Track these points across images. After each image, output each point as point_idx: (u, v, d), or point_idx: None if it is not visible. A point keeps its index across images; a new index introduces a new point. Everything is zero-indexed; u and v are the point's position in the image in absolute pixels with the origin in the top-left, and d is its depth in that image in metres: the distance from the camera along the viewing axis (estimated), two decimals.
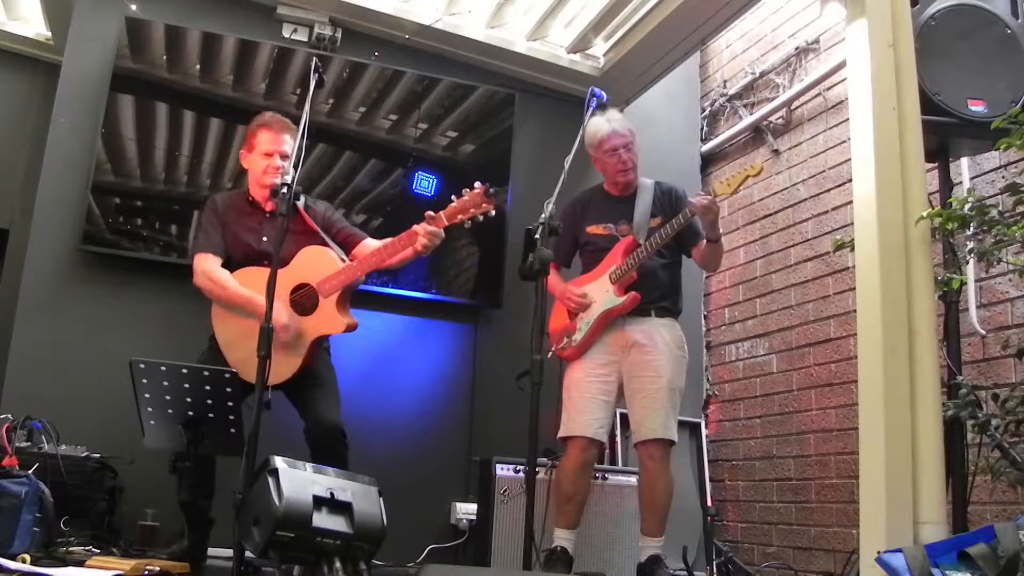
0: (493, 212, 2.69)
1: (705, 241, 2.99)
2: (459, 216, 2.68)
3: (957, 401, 2.18)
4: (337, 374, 2.99)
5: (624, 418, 3.56)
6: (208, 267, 2.83)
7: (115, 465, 2.99)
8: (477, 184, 2.67)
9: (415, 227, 2.72)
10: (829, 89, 3.82)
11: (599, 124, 3.09)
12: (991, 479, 2.25)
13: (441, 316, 3.95)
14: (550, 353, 3.06)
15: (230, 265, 2.88)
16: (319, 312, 2.74)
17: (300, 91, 3.73)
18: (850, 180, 2.67)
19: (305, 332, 2.73)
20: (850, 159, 2.61)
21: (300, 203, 2.86)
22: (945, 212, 2.19)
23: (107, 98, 3.51)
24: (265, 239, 2.86)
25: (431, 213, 2.71)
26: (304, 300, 2.77)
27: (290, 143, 2.86)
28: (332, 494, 2.13)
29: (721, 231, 3.02)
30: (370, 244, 2.94)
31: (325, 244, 2.82)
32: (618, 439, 3.79)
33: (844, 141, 3.64)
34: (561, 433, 3.00)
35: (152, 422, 2.48)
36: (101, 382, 3.22)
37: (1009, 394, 2.25)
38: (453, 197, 2.71)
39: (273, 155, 2.85)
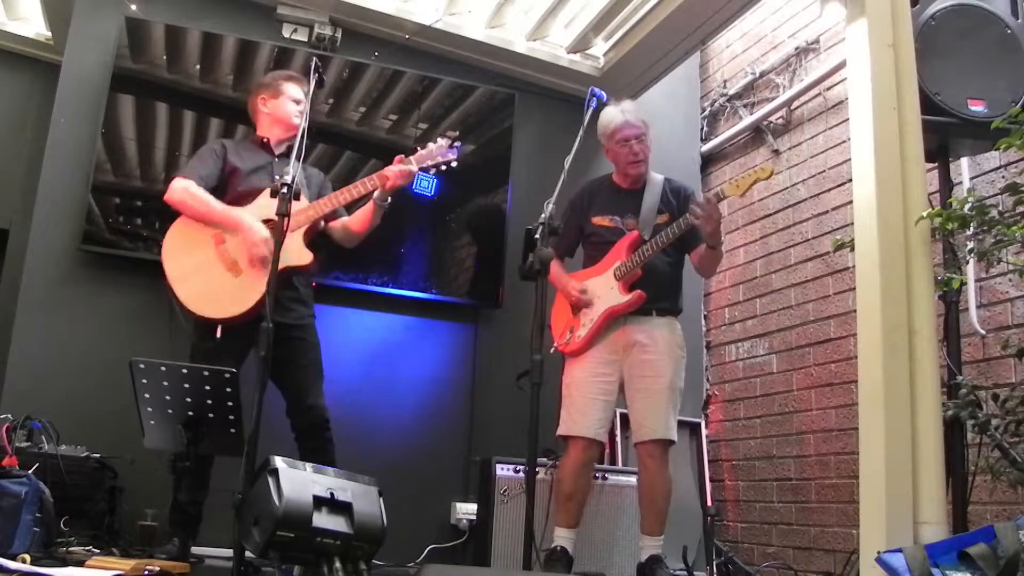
0: (455, 163, 3.02)
1: (704, 246, 2.99)
2: (427, 162, 2.98)
3: (957, 401, 2.17)
4: (337, 373, 3.01)
5: (624, 418, 3.56)
6: (188, 185, 2.89)
7: (115, 465, 2.99)
8: (440, 139, 3.03)
9: (385, 169, 2.95)
10: (829, 89, 3.82)
11: (613, 114, 3.10)
12: (991, 479, 2.25)
13: (441, 316, 3.95)
14: (553, 348, 3.06)
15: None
16: (284, 246, 2.75)
17: None
18: (850, 180, 2.67)
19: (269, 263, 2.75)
20: (850, 159, 2.61)
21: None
22: (945, 212, 2.19)
23: (107, 98, 3.51)
24: (277, 177, 2.84)
25: (402, 156, 2.96)
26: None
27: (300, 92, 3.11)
28: (332, 494, 2.14)
29: (723, 239, 3.01)
30: (346, 219, 3.09)
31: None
32: (618, 439, 3.79)
33: (844, 141, 3.64)
34: (561, 432, 3.00)
35: (152, 422, 2.48)
36: (101, 382, 3.22)
37: (1009, 394, 2.25)
38: (417, 148, 3.02)
39: (300, 102, 3.03)
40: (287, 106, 3.05)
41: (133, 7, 3.68)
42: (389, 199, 2.98)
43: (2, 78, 4.27)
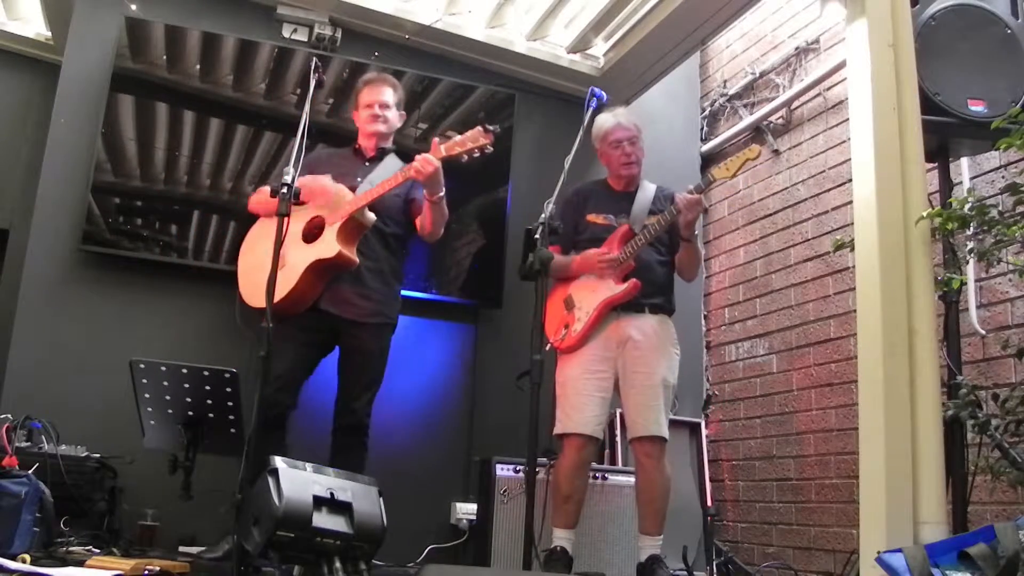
0: (491, 148, 2.82)
1: (681, 241, 3.02)
2: (456, 149, 2.83)
3: (957, 401, 2.17)
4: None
5: (624, 418, 3.56)
6: (261, 188, 3.09)
7: (115, 465, 2.99)
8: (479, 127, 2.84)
9: (416, 157, 2.87)
10: (829, 89, 3.82)
11: (605, 118, 3.15)
12: (991, 479, 2.25)
13: (441, 316, 3.95)
14: (548, 346, 3.06)
15: None
16: (320, 239, 2.88)
17: (300, 91, 3.73)
18: (850, 180, 2.68)
19: (302, 257, 2.84)
20: (850, 159, 2.61)
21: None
22: (945, 212, 2.19)
23: (107, 98, 3.51)
24: (360, 179, 2.99)
25: (436, 139, 2.87)
26: (314, 230, 2.92)
27: (390, 94, 3.14)
28: (332, 494, 2.13)
29: (697, 232, 3.04)
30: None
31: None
32: (618, 439, 3.79)
33: (844, 141, 3.64)
34: (557, 430, 3.00)
35: (152, 422, 2.49)
36: (101, 382, 3.21)
37: (1009, 394, 2.25)
38: (450, 133, 2.91)
39: (372, 105, 3.11)
40: (362, 113, 3.16)
41: (133, 7, 3.68)
42: (440, 194, 2.92)
43: (2, 78, 4.27)
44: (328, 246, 2.85)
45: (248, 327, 2.92)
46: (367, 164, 3.08)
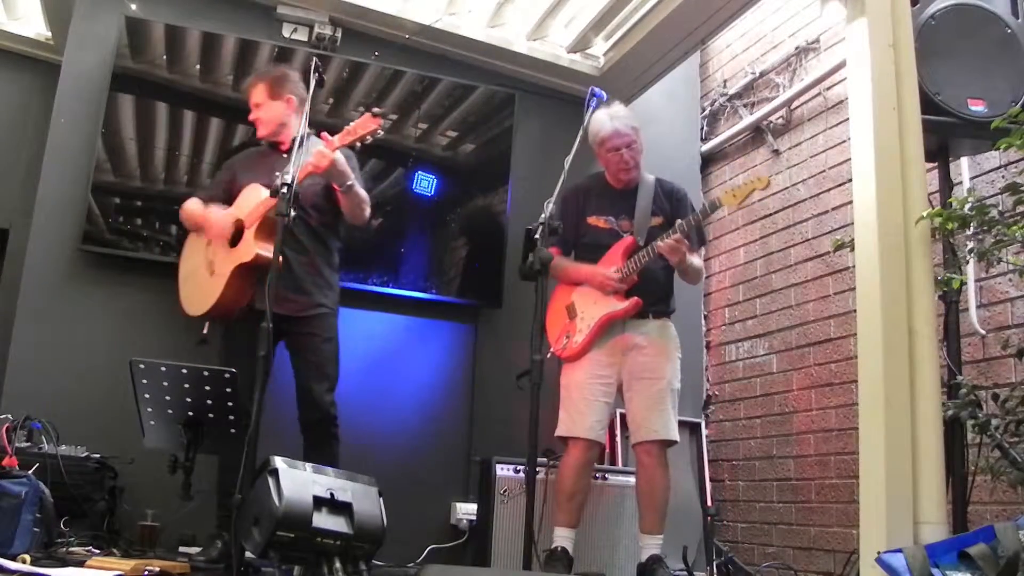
0: (380, 132, 2.77)
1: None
2: (348, 138, 2.76)
3: (957, 401, 2.17)
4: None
5: (624, 418, 3.56)
6: (186, 203, 3.08)
7: (115, 465, 2.99)
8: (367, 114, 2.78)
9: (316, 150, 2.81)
10: (829, 89, 3.82)
11: (602, 121, 3.07)
12: (991, 479, 2.25)
13: (441, 316, 3.95)
14: (549, 353, 3.06)
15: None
16: (241, 243, 2.85)
17: None
18: (850, 180, 2.67)
19: (226, 263, 2.85)
20: (850, 159, 2.61)
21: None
22: (945, 212, 2.19)
23: (107, 98, 3.51)
24: (277, 174, 2.83)
25: (325, 134, 2.82)
26: (238, 233, 2.89)
27: (259, 92, 3.06)
28: (332, 494, 2.14)
29: (693, 259, 3.04)
30: None
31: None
32: (618, 439, 3.79)
33: (844, 141, 3.64)
34: (560, 433, 3.00)
35: (152, 422, 2.49)
36: (101, 382, 3.22)
37: (1009, 394, 2.24)
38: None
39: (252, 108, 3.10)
40: None
41: (133, 7, 3.68)
42: (348, 182, 2.87)
43: (2, 78, 4.27)
44: (247, 249, 2.81)
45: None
46: (284, 156, 2.94)
